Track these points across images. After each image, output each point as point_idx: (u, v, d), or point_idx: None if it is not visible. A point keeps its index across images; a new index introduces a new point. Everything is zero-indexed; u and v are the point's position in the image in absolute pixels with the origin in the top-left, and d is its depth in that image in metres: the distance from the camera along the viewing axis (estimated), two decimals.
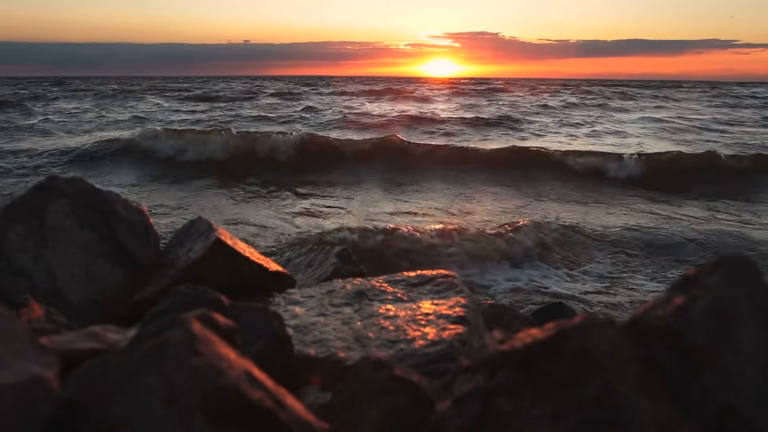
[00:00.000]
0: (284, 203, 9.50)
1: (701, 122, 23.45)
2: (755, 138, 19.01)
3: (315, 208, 9.04)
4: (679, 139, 18.56)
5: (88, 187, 2.23)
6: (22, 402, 0.81)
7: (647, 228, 7.81)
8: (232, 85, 55.15)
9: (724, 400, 0.93)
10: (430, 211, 9.02)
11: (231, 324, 1.07)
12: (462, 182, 11.63)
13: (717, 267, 1.04)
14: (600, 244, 7.16)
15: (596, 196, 10.51)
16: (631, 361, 0.96)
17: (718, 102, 37.37)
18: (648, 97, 41.39)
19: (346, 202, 9.59)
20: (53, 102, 31.28)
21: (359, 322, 1.77)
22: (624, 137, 18.74)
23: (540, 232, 7.28)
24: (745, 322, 0.97)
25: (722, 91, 54.98)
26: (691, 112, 28.71)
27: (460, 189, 10.95)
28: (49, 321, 1.52)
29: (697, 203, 9.96)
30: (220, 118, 22.17)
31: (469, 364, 1.03)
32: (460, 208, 9.25)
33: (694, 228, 7.97)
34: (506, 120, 22.35)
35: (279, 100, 33.34)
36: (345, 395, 1.18)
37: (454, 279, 2.00)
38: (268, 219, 8.18)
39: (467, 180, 11.85)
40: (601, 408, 0.86)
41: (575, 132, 20.33)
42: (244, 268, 2.13)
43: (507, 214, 8.77)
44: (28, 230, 2.04)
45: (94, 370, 0.91)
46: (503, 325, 2.43)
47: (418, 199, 10.06)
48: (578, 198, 10.40)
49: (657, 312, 1.04)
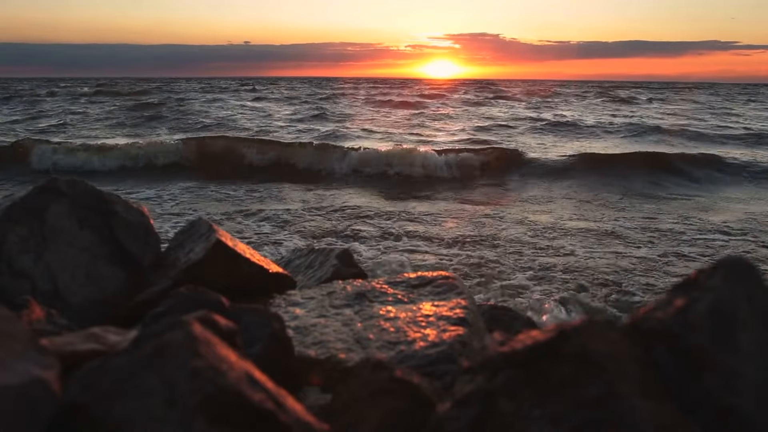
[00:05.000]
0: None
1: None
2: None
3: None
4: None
5: (89, 188, 2.23)
6: (23, 403, 0.81)
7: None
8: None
9: (725, 401, 0.93)
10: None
11: (231, 325, 1.07)
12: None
13: (717, 269, 1.04)
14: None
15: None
16: (632, 363, 0.96)
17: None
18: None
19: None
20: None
21: (360, 324, 1.77)
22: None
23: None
24: (745, 324, 0.97)
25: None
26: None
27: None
28: (49, 322, 1.52)
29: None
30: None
31: (470, 365, 1.04)
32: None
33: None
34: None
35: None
36: (345, 396, 1.18)
37: (454, 281, 2.00)
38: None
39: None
40: (601, 409, 0.86)
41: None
42: (245, 269, 2.13)
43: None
44: (28, 231, 2.04)
45: (94, 371, 0.91)
46: (504, 327, 2.43)
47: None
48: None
49: (658, 314, 1.04)
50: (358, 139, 17.36)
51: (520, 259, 6.62)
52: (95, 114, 24.35)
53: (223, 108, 27.95)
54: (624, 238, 7.54)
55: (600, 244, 7.30)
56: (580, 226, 8.26)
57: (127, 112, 24.25)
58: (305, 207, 9.48)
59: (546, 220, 8.66)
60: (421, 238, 7.49)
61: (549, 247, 7.10)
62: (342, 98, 37.06)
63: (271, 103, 32.80)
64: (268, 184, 11.61)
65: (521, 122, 22.53)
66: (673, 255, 6.80)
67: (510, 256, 6.69)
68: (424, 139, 17.81)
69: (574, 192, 11.09)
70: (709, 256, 6.82)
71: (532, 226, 8.29)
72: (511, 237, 7.54)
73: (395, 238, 7.43)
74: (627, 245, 7.21)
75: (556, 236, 7.67)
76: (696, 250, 6.99)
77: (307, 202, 9.88)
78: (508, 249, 6.99)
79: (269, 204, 9.77)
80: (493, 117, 24.96)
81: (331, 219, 8.68)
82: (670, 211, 9.40)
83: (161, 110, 25.61)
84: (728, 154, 14.84)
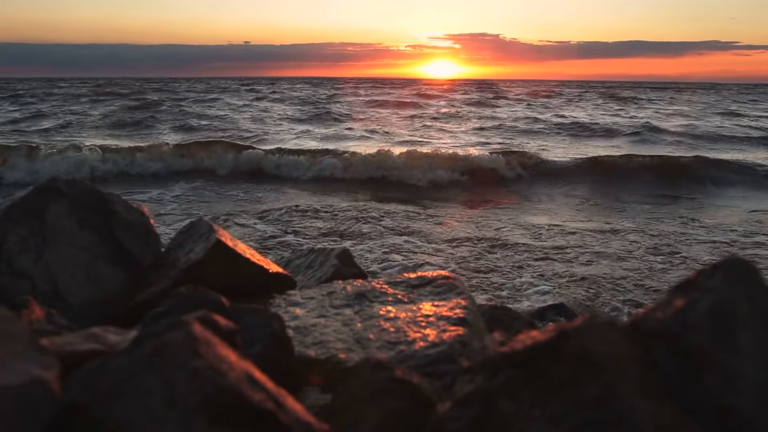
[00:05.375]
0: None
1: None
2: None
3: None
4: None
5: (89, 188, 2.23)
6: (23, 403, 0.81)
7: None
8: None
9: (725, 401, 0.93)
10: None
11: (231, 325, 1.07)
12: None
13: (717, 269, 1.04)
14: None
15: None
16: (632, 363, 0.96)
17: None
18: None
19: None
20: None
21: (360, 324, 1.77)
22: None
23: None
24: (745, 324, 0.98)
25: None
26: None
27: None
28: (49, 322, 1.52)
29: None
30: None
31: (470, 365, 1.04)
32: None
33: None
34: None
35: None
36: (345, 397, 1.18)
37: (454, 281, 2.00)
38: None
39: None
40: (601, 409, 0.86)
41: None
42: (245, 269, 2.13)
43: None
44: (28, 231, 2.04)
45: (94, 371, 0.91)
46: (504, 327, 2.43)
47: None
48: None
49: (658, 314, 1.04)
50: (361, 140, 17.35)
51: (520, 259, 6.62)
52: (95, 115, 24.31)
53: (224, 109, 27.93)
54: (627, 240, 7.54)
55: (603, 245, 7.30)
56: (582, 228, 8.26)
57: (127, 113, 24.21)
58: (305, 207, 9.48)
59: (548, 222, 8.66)
60: (422, 238, 7.50)
61: (550, 248, 7.09)
62: (344, 98, 37.01)
63: (273, 103, 32.77)
64: (269, 185, 11.63)
65: (525, 123, 22.49)
66: (677, 257, 6.79)
67: (511, 257, 6.69)
68: (427, 140, 17.82)
69: (578, 193, 11.08)
70: (715, 256, 6.82)
71: (534, 227, 8.29)
72: (512, 238, 7.54)
73: (396, 239, 7.43)
74: (629, 247, 7.21)
75: (558, 238, 7.67)
76: (701, 254, 6.98)
77: (308, 203, 9.88)
78: (509, 250, 6.99)
79: (270, 204, 9.78)
80: (498, 118, 24.90)
81: (331, 219, 8.68)
82: (675, 213, 9.39)
83: (162, 110, 25.60)
84: (740, 156, 14.80)
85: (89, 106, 29.30)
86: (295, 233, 7.76)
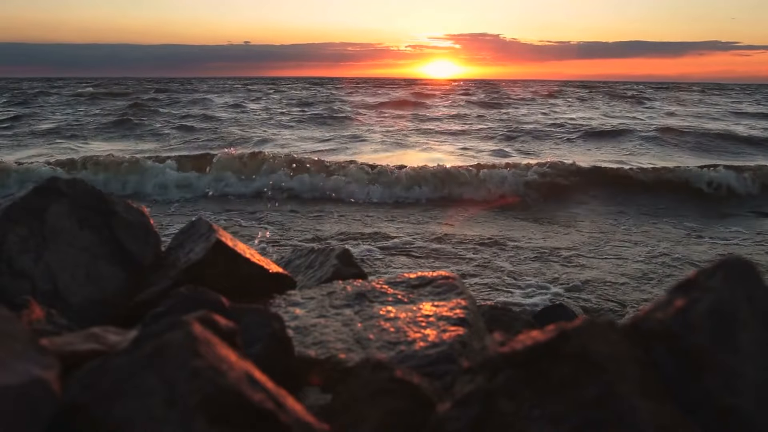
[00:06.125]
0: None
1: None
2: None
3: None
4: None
5: (89, 189, 2.23)
6: (23, 403, 0.81)
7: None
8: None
9: (725, 401, 0.93)
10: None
11: (231, 325, 1.07)
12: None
13: (717, 270, 1.04)
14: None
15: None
16: (632, 363, 0.96)
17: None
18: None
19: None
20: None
21: (360, 324, 1.77)
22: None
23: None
24: (745, 324, 0.97)
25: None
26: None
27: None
28: (49, 322, 1.52)
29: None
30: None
31: (470, 365, 1.04)
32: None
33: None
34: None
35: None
36: (345, 397, 1.18)
37: (454, 281, 2.00)
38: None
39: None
40: (601, 409, 0.86)
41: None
42: (245, 269, 2.13)
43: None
44: (28, 231, 2.04)
45: (94, 371, 0.91)
46: (504, 327, 2.42)
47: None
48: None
49: (658, 314, 1.04)
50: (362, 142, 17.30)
51: (521, 260, 6.63)
52: (95, 115, 24.27)
53: (225, 109, 27.87)
54: (629, 243, 7.52)
55: (604, 248, 7.29)
56: (584, 229, 8.26)
57: (127, 114, 24.15)
58: (306, 207, 9.48)
59: (549, 223, 8.66)
60: (423, 238, 7.50)
61: (552, 248, 7.09)
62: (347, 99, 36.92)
63: (274, 103, 32.74)
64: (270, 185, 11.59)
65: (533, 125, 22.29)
66: (684, 261, 6.77)
67: (511, 258, 6.69)
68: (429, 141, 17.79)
69: (583, 196, 11.00)
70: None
71: (535, 227, 8.30)
72: (513, 239, 7.54)
73: (396, 239, 7.43)
74: (632, 250, 7.19)
75: (559, 238, 7.68)
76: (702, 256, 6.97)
77: (309, 204, 9.87)
78: (510, 250, 6.99)
79: (270, 204, 9.77)
80: (504, 119, 24.75)
81: (331, 219, 8.68)
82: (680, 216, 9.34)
83: (162, 111, 25.56)
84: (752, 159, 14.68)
85: (89, 106, 29.30)
86: (295, 232, 7.74)
